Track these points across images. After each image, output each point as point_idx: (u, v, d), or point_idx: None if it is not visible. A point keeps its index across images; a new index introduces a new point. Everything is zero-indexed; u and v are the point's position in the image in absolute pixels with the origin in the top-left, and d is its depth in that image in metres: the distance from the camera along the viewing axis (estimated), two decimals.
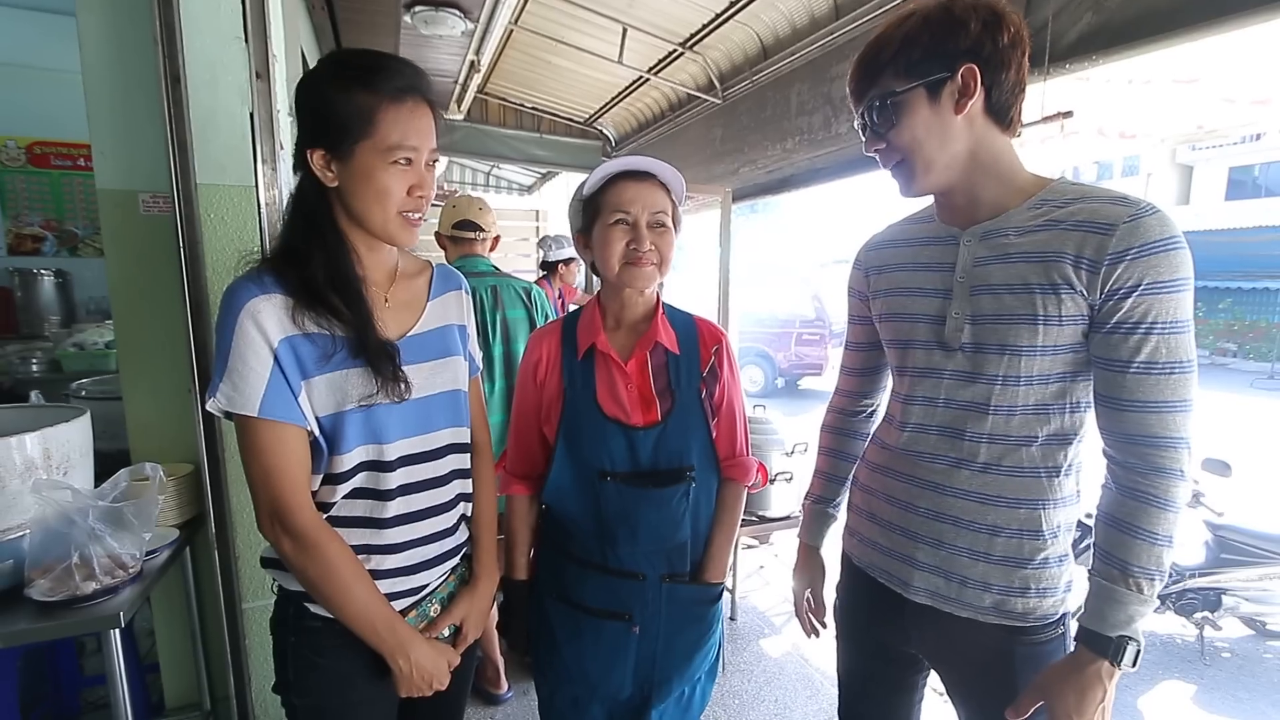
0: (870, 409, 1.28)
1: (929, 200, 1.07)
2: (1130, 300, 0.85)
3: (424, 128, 0.93)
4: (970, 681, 1.06)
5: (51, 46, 3.25)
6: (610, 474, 1.12)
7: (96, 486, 1.42)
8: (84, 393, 2.04)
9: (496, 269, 2.24)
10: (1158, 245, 0.83)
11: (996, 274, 0.94)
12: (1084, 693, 0.88)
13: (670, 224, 1.13)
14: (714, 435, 1.19)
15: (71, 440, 1.38)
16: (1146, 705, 2.66)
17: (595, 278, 1.22)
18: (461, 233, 2.17)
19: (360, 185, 0.91)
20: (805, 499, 1.34)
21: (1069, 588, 1.00)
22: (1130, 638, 0.87)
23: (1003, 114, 0.94)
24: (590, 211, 1.15)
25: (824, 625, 1.32)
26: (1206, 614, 2.89)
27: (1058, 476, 0.96)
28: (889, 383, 1.21)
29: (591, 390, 1.14)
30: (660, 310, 1.19)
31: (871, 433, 1.22)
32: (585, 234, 1.17)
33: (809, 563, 1.32)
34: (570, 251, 4.24)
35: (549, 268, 4.24)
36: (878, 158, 1.02)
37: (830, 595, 1.29)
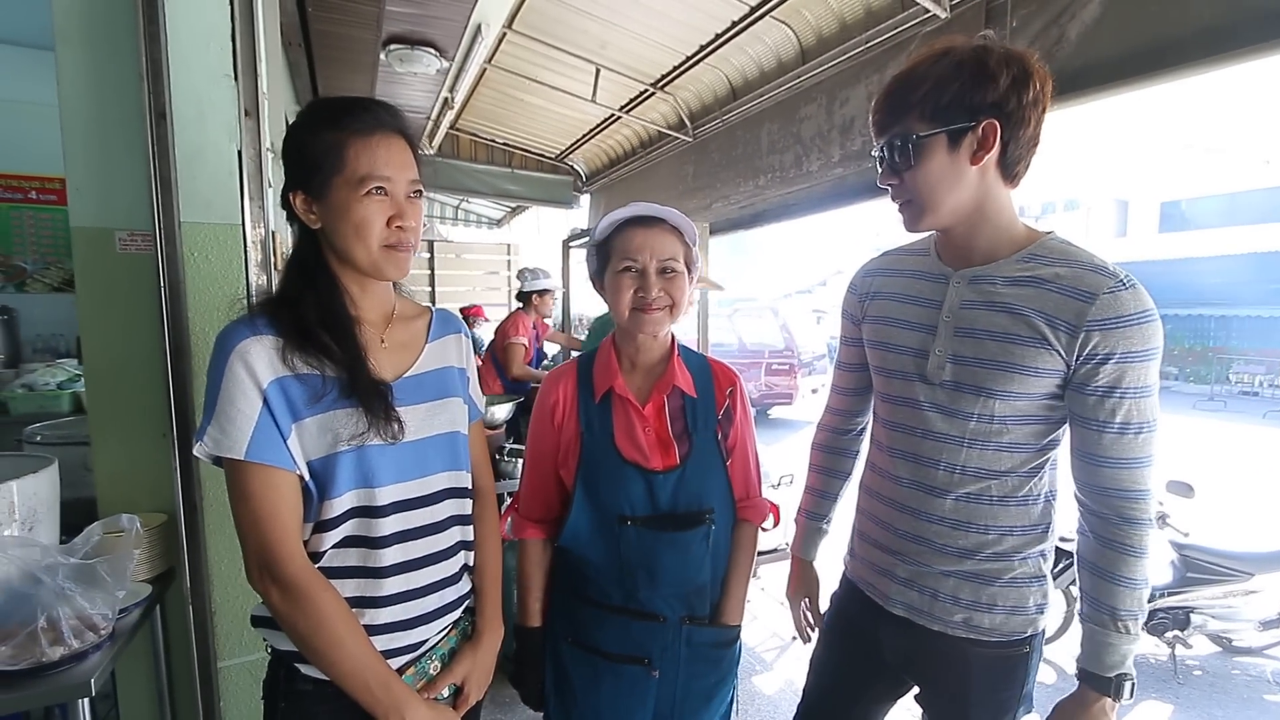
0: (861, 427, 1.33)
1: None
2: (1105, 367, 0.91)
3: (395, 159, 0.92)
4: (936, 689, 1.12)
5: (2, 79, 3.14)
6: (630, 518, 1.10)
7: (61, 540, 1.33)
8: (39, 438, 1.91)
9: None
10: (1133, 319, 0.89)
11: (981, 319, 0.99)
12: None
13: (682, 268, 1.12)
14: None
15: (39, 493, 1.28)
16: None
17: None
18: None
19: (339, 221, 0.91)
20: (798, 515, 1.38)
21: (1040, 609, 1.05)
22: (1126, 674, 0.95)
23: (1012, 168, 0.98)
24: (602, 257, 1.16)
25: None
26: (1177, 633, 2.97)
27: (1027, 505, 1.02)
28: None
29: (609, 434, 1.13)
30: (675, 352, 1.19)
31: (861, 451, 1.30)
32: (598, 278, 1.19)
33: (804, 576, 1.37)
34: (546, 283, 4.24)
35: (524, 298, 4.25)
36: (889, 190, 1.05)
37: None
